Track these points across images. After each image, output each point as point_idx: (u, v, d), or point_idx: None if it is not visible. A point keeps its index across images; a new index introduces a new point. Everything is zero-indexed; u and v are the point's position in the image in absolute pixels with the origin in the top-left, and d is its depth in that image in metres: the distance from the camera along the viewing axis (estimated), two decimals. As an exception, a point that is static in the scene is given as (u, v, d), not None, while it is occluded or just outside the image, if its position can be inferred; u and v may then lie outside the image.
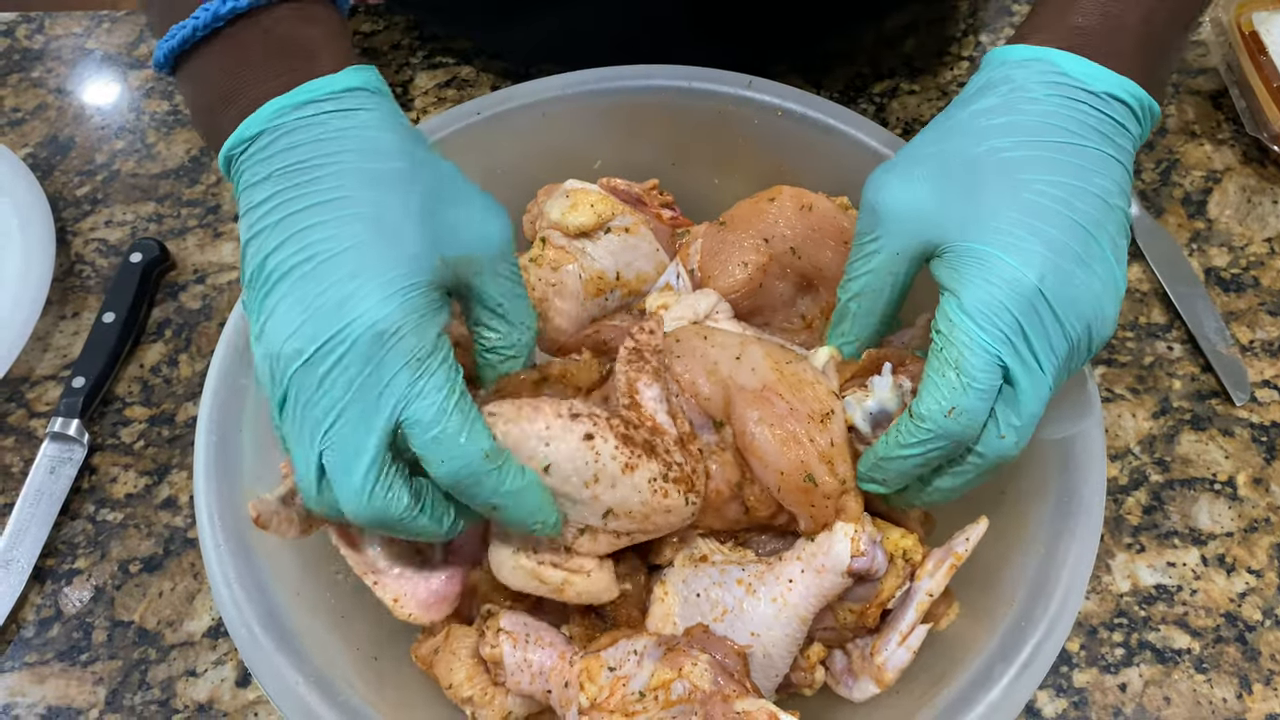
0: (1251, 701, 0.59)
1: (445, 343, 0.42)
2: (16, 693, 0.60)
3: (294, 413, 0.41)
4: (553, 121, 0.63)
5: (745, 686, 0.47)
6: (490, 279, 0.46)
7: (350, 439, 0.40)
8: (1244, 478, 0.66)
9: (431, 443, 0.40)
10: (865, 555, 0.47)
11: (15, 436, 0.69)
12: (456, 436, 0.41)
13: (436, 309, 0.42)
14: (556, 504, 0.45)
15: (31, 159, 0.81)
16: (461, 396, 0.41)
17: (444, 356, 0.42)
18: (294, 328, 0.40)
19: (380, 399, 0.40)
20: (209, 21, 0.44)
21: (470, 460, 0.41)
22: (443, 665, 0.51)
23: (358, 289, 0.40)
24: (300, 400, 0.40)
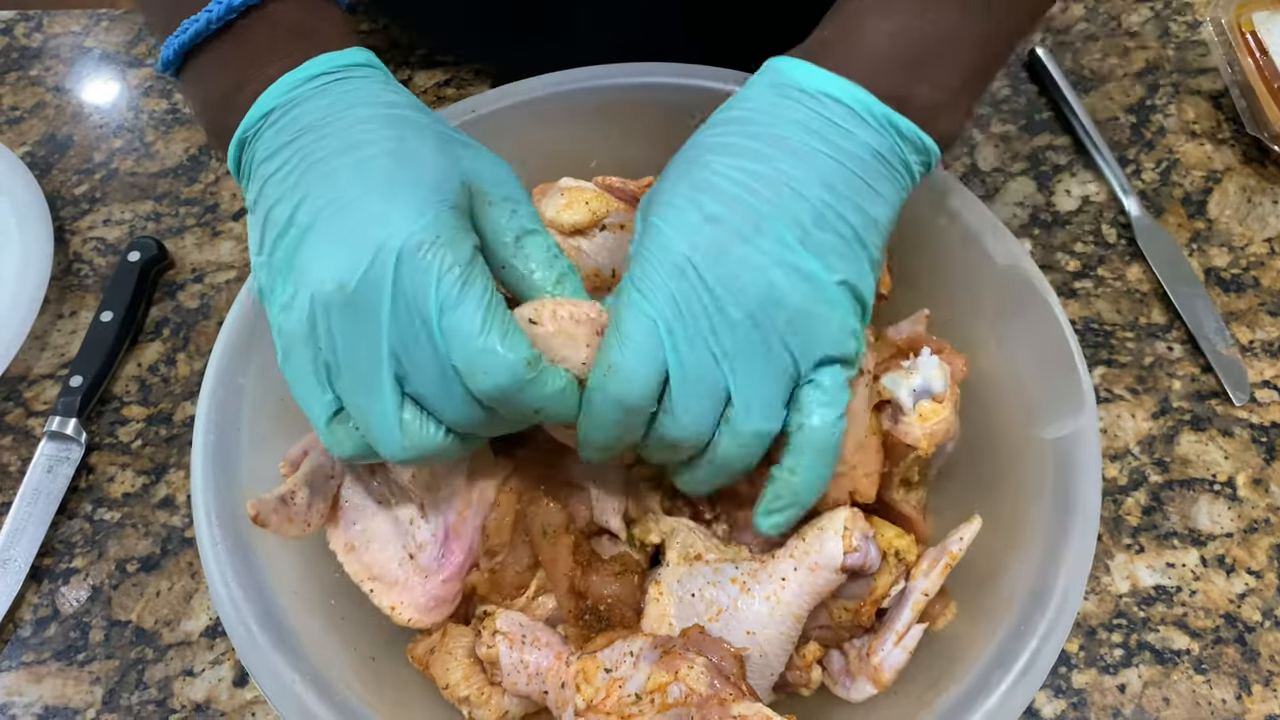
0: (1251, 703, 0.59)
1: (480, 257, 0.42)
2: (13, 692, 0.60)
3: (351, 356, 0.40)
4: (548, 120, 0.63)
5: (741, 690, 0.46)
6: (506, 212, 0.46)
7: (426, 362, 0.40)
8: (1244, 478, 0.66)
9: (475, 354, 0.40)
10: (858, 551, 0.47)
11: (13, 435, 0.69)
12: (497, 347, 0.40)
13: (467, 227, 0.42)
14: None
15: (29, 157, 0.81)
16: (500, 306, 0.41)
17: (481, 268, 0.41)
18: (334, 262, 0.40)
19: (425, 313, 0.40)
20: (223, 14, 0.44)
21: (515, 370, 0.40)
22: (439, 665, 0.51)
23: (391, 211, 0.40)
24: (353, 340, 0.40)
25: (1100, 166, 0.78)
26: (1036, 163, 0.79)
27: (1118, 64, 0.84)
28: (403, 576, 0.51)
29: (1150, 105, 0.82)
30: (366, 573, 0.51)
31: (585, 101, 0.62)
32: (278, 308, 0.42)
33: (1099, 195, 0.77)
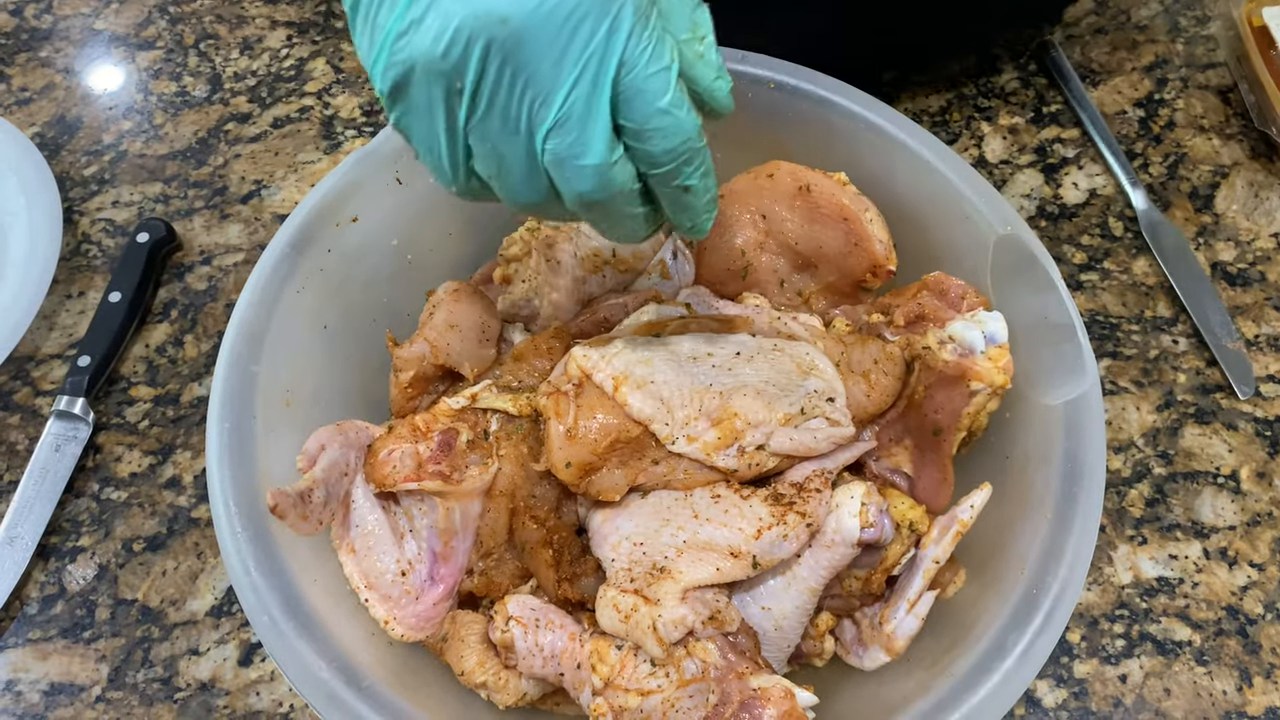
0: (1252, 694, 0.59)
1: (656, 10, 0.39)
2: (20, 669, 0.60)
3: (501, 98, 0.37)
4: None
5: (758, 663, 0.47)
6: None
7: (582, 111, 0.37)
8: (1247, 471, 0.66)
9: (657, 113, 0.38)
10: (874, 526, 0.48)
11: (21, 414, 0.69)
12: (679, 106, 0.38)
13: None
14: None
15: (39, 138, 0.81)
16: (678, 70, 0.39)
17: (665, 27, 0.38)
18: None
19: (604, 63, 0.37)
20: None
21: (690, 134, 0.39)
22: (453, 653, 0.51)
23: None
24: (509, 81, 0.37)
25: (1108, 159, 0.78)
26: (1044, 155, 0.79)
27: (1126, 58, 0.84)
28: (396, 594, 0.51)
29: (1159, 99, 0.82)
30: (364, 580, 0.52)
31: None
32: (391, 29, 0.37)
33: (1106, 188, 0.77)
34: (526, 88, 0.37)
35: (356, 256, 0.58)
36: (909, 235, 0.59)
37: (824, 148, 0.60)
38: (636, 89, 0.37)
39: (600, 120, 0.38)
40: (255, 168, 0.80)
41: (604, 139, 0.38)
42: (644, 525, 0.51)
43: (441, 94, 0.38)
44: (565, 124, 0.38)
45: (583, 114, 0.37)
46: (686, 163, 0.40)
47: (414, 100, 0.38)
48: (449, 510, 0.52)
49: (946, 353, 0.54)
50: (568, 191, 0.40)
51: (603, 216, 0.42)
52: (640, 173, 0.40)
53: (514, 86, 0.37)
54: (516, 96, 0.37)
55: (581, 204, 0.40)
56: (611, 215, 0.42)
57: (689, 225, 0.44)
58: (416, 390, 0.58)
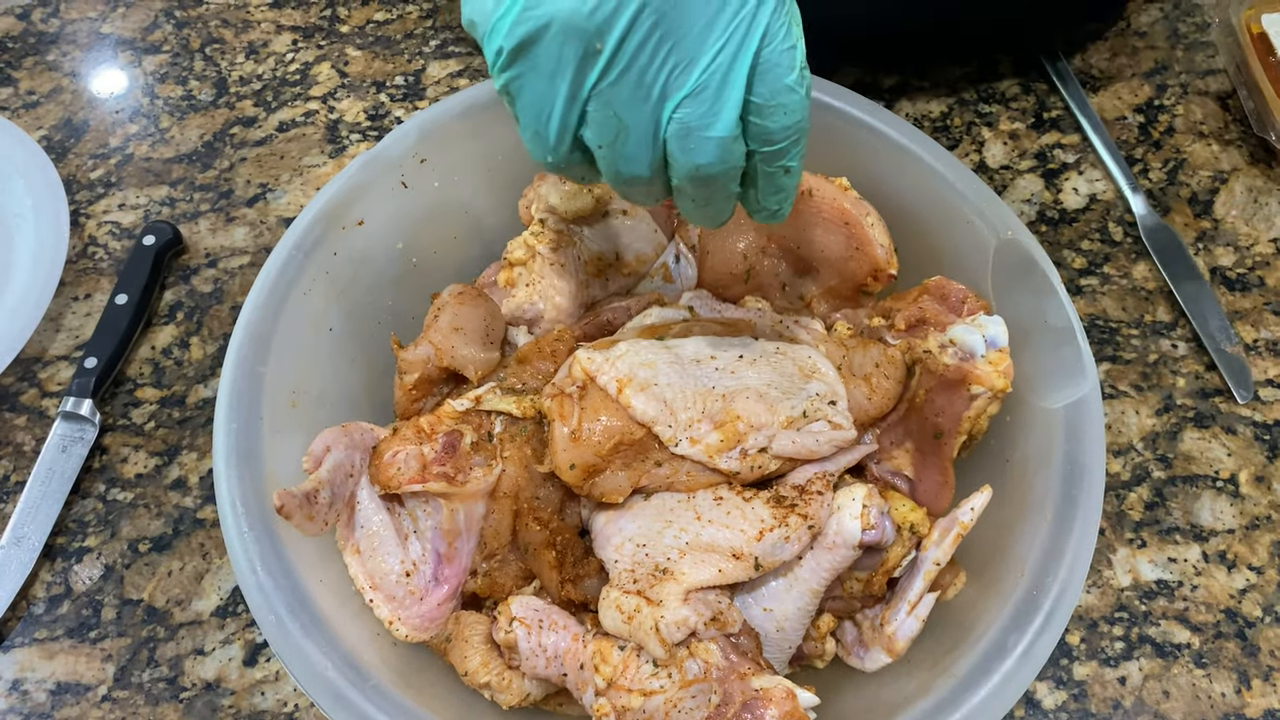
0: (1250, 697, 0.59)
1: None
2: (26, 668, 0.60)
3: (642, 61, 0.36)
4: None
5: (759, 664, 0.47)
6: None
7: (720, 80, 0.37)
8: (1246, 475, 0.66)
9: (784, 89, 0.38)
10: (876, 528, 0.49)
11: (27, 415, 0.69)
12: (802, 84, 0.38)
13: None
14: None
15: (46, 142, 0.81)
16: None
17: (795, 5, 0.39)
18: None
19: (751, 32, 0.36)
20: None
21: (805, 111, 0.39)
22: (456, 654, 0.52)
23: None
24: (654, 44, 0.36)
25: (1108, 165, 0.79)
26: (1045, 160, 0.80)
27: (1126, 64, 0.85)
28: (400, 594, 0.52)
29: (1158, 105, 0.82)
30: (369, 581, 0.52)
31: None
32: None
33: (1106, 193, 0.78)
34: (671, 52, 0.37)
35: (362, 259, 0.59)
36: (910, 239, 0.60)
37: (826, 152, 0.61)
38: (772, 63, 0.37)
39: (736, 91, 0.37)
40: (260, 171, 0.80)
41: (735, 111, 0.38)
42: (647, 527, 0.52)
43: (575, 54, 0.37)
44: (701, 93, 0.37)
45: (720, 84, 0.37)
46: (795, 143, 0.40)
47: (539, 59, 0.37)
48: (453, 511, 0.53)
49: (947, 356, 0.54)
50: (684, 164, 0.39)
51: (705, 194, 0.41)
52: (750, 151, 0.40)
53: (658, 50, 0.36)
54: (659, 61, 0.37)
55: (692, 179, 0.40)
56: (713, 193, 0.41)
57: (776, 209, 0.44)
58: (421, 392, 0.58)
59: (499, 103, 0.62)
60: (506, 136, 0.63)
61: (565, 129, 0.39)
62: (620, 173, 0.41)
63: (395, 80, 0.85)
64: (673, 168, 0.40)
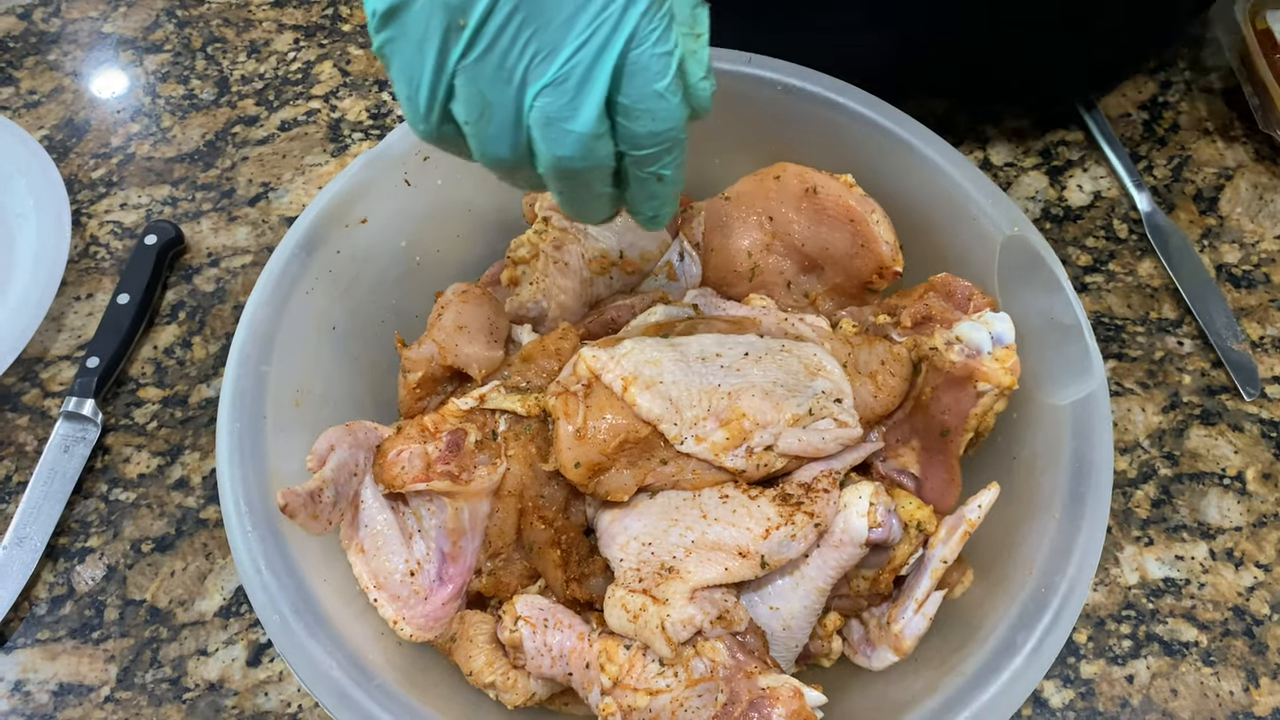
0: (1258, 695, 0.59)
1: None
2: (29, 669, 0.60)
3: (503, 43, 0.37)
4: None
5: (766, 663, 0.47)
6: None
7: (582, 75, 0.37)
8: (1253, 473, 0.66)
9: (653, 95, 0.38)
10: (882, 526, 0.48)
11: (30, 415, 0.69)
12: (675, 93, 0.38)
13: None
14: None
15: (47, 141, 0.81)
16: (679, 56, 0.39)
17: (671, 2, 0.38)
18: None
19: (616, 32, 0.36)
20: None
21: (678, 120, 0.39)
22: (461, 653, 0.51)
23: None
24: (515, 28, 0.37)
25: (1112, 162, 0.78)
26: (1049, 157, 0.79)
27: (1131, 61, 0.84)
28: (404, 593, 0.51)
29: (1163, 102, 0.82)
30: (373, 580, 0.52)
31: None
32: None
33: (1111, 190, 0.78)
34: (532, 39, 0.37)
35: (365, 258, 0.59)
36: (915, 237, 0.60)
37: (831, 150, 0.61)
38: (640, 65, 0.37)
39: (597, 88, 0.37)
40: (263, 170, 0.80)
41: (596, 107, 0.38)
42: (652, 525, 0.51)
43: (440, 26, 0.37)
44: (562, 84, 0.37)
45: (582, 78, 0.37)
46: (667, 151, 0.40)
47: (408, 26, 0.38)
48: (457, 510, 0.53)
49: (953, 354, 0.54)
50: (545, 154, 0.39)
51: (571, 189, 0.41)
52: (618, 152, 0.40)
53: (519, 35, 0.37)
54: (519, 46, 0.37)
55: (555, 170, 0.40)
56: (581, 189, 0.41)
57: (650, 214, 0.44)
58: (425, 391, 0.58)
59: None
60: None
61: (434, 99, 0.39)
62: (486, 153, 0.41)
63: (397, 79, 0.85)
64: (537, 156, 0.40)
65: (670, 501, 0.52)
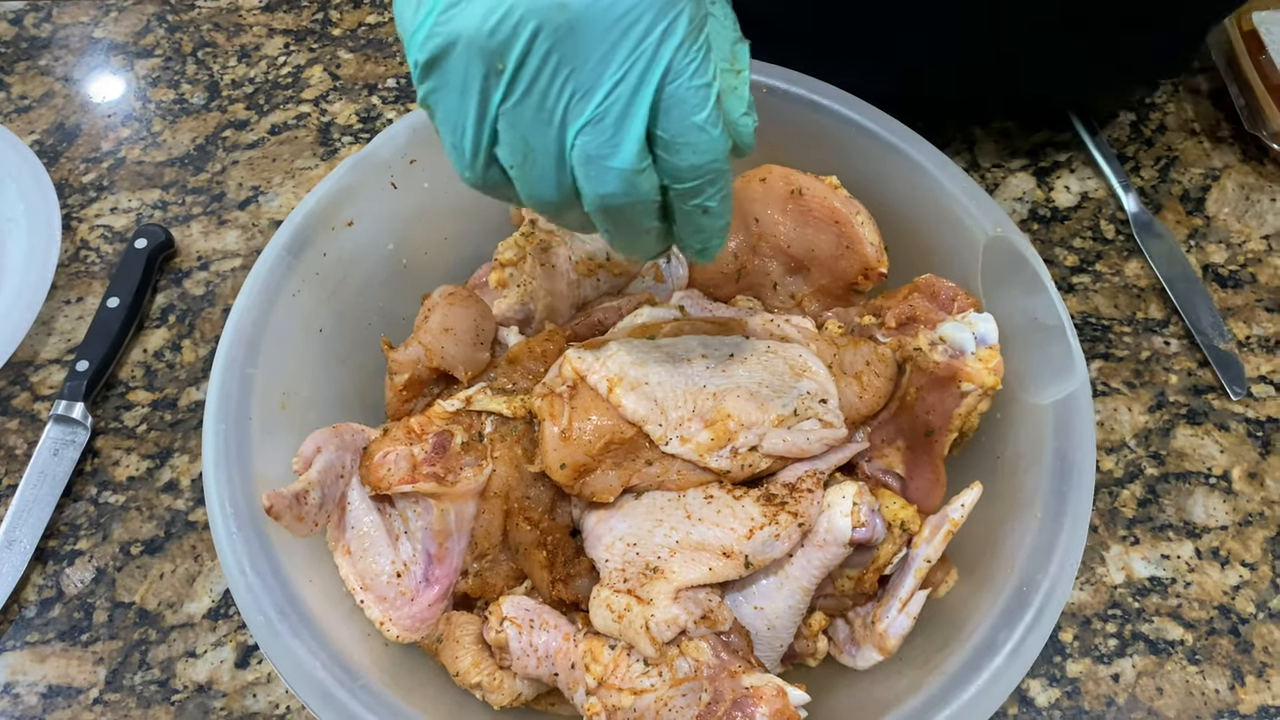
0: (1244, 693, 0.59)
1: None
2: (18, 671, 0.60)
3: (541, 84, 0.37)
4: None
5: (750, 662, 0.47)
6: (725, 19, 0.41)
7: (620, 111, 0.37)
8: (1239, 472, 0.66)
9: (693, 128, 0.38)
10: (866, 526, 0.49)
11: (19, 419, 0.69)
12: (715, 125, 0.38)
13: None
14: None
15: (38, 146, 0.82)
16: (718, 88, 0.39)
17: (710, 41, 0.38)
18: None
19: (652, 66, 0.37)
20: None
21: (720, 153, 0.39)
22: (448, 653, 0.52)
23: None
24: (552, 69, 0.37)
25: (1099, 163, 0.79)
26: (1036, 159, 0.80)
27: (1118, 62, 0.85)
28: (391, 594, 0.52)
29: (1150, 103, 0.82)
30: (359, 582, 0.52)
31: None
32: (431, 5, 0.37)
33: (1098, 191, 0.78)
34: (570, 79, 0.37)
35: (352, 260, 0.59)
36: (900, 238, 0.60)
37: (816, 151, 0.61)
38: (678, 99, 0.37)
39: (636, 123, 0.37)
40: (253, 174, 0.80)
41: (636, 142, 0.38)
42: (637, 526, 0.52)
43: (480, 73, 0.37)
44: (601, 122, 0.37)
45: (620, 114, 0.37)
46: (711, 183, 0.40)
47: (449, 75, 0.38)
48: (444, 512, 0.53)
49: (937, 354, 0.54)
50: (590, 193, 0.39)
51: (619, 226, 0.42)
52: (662, 186, 0.40)
53: (556, 75, 0.37)
54: (557, 86, 0.37)
55: (601, 208, 0.40)
56: (628, 226, 0.41)
57: (699, 248, 0.44)
58: (411, 393, 0.58)
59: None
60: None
61: (479, 146, 0.40)
62: (533, 195, 0.41)
63: (387, 83, 0.85)
64: (582, 195, 0.40)
65: (655, 502, 0.52)
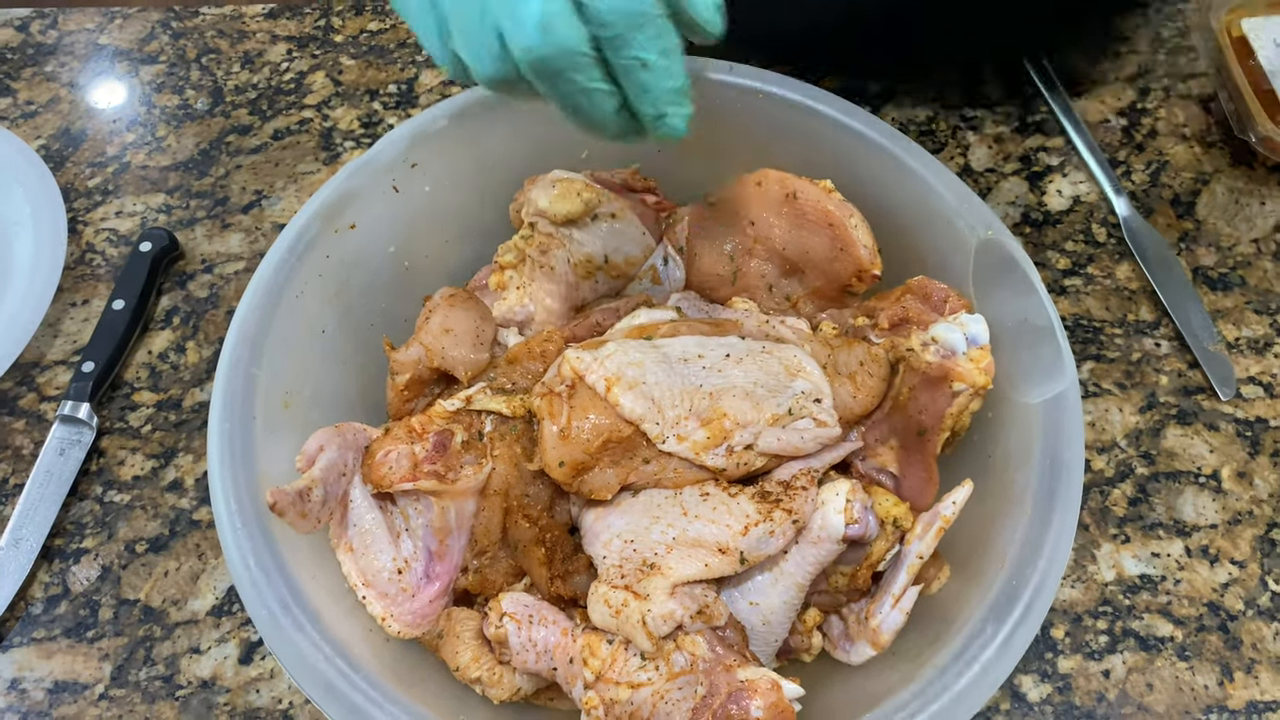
0: (1233, 689, 0.60)
1: None
2: (24, 667, 0.61)
3: None
4: (540, 113, 0.64)
5: (745, 656, 0.48)
6: None
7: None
8: (1228, 471, 0.67)
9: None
10: (859, 522, 0.49)
11: (26, 419, 0.70)
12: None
13: None
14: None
15: (44, 150, 0.83)
16: None
17: None
18: None
19: None
20: None
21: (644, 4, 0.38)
22: (448, 649, 0.53)
23: None
24: None
25: (1091, 167, 0.80)
26: (1029, 163, 0.81)
27: (1110, 68, 0.86)
28: (392, 590, 0.53)
29: (1141, 108, 0.83)
30: (361, 578, 0.53)
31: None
32: None
33: (1090, 195, 0.79)
34: None
35: (354, 263, 0.60)
36: (894, 240, 0.61)
37: (811, 156, 0.62)
38: None
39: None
40: (256, 178, 0.81)
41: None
42: (635, 523, 0.52)
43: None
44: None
45: None
46: (639, 28, 0.38)
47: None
48: (444, 509, 0.54)
49: (930, 354, 0.55)
50: (516, 49, 0.39)
51: (557, 86, 0.40)
52: (597, 41, 0.39)
53: None
54: None
55: (531, 67, 0.39)
56: (567, 84, 0.40)
57: (652, 114, 0.42)
58: (413, 393, 0.59)
59: (489, 109, 0.63)
60: (497, 142, 0.64)
61: (440, 40, 0.41)
62: (481, 74, 0.41)
63: (388, 88, 0.86)
64: (515, 59, 0.40)
65: (652, 500, 0.53)
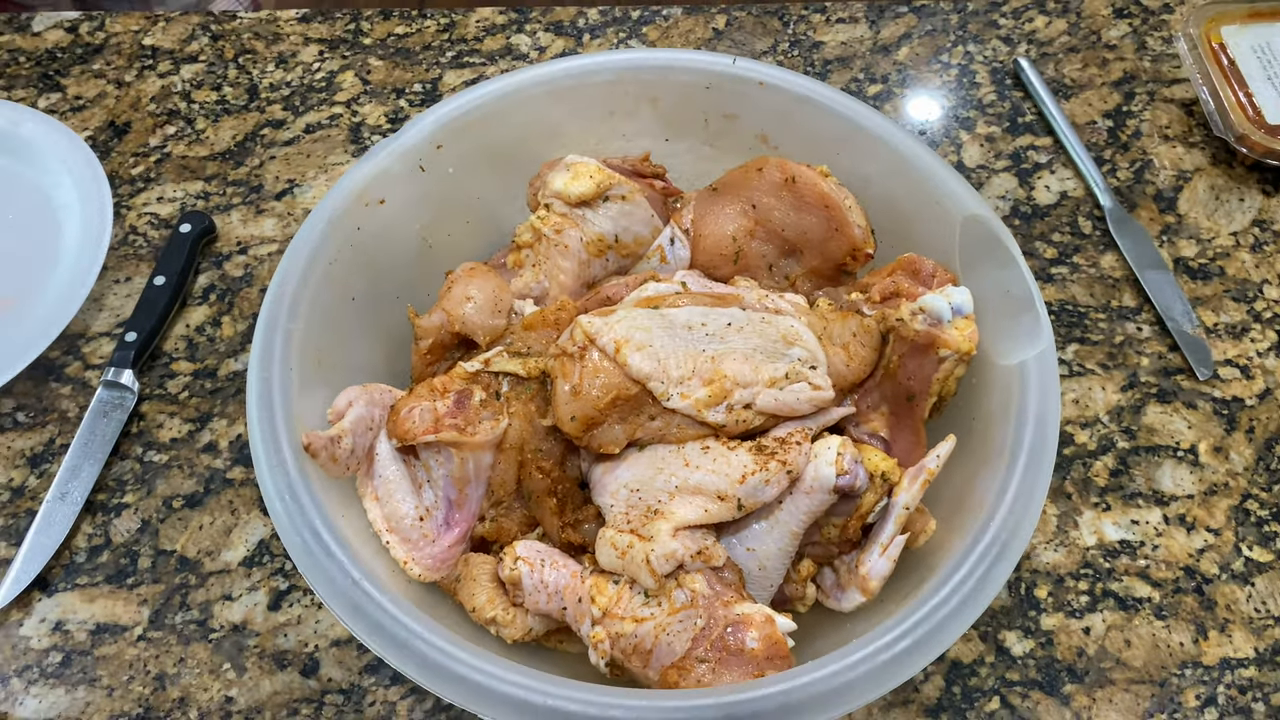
0: (1206, 646, 0.63)
1: None
2: (69, 610, 0.65)
3: None
4: (554, 102, 0.69)
5: (742, 595, 0.52)
6: None
7: None
8: (1205, 446, 0.71)
9: None
10: (849, 473, 0.53)
11: (72, 385, 0.75)
12: None
13: None
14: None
15: (91, 140, 0.88)
16: None
17: None
18: None
19: None
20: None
21: None
22: (465, 591, 0.56)
23: None
24: None
25: (1078, 165, 0.84)
26: (1019, 161, 0.85)
27: (1097, 74, 0.90)
28: (415, 536, 0.56)
29: (1126, 111, 0.88)
30: (386, 524, 0.57)
31: (588, 82, 0.69)
32: None
33: (1076, 190, 0.83)
34: None
35: (383, 236, 0.64)
36: (885, 221, 0.65)
37: (809, 143, 0.66)
38: None
39: None
40: (288, 168, 0.86)
41: None
42: (640, 474, 0.56)
43: None
44: None
45: None
46: None
47: None
48: (463, 460, 0.58)
49: (918, 323, 0.59)
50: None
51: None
52: None
53: None
54: None
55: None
56: None
57: None
58: (435, 357, 0.63)
59: (510, 98, 0.68)
60: (516, 129, 0.69)
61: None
62: None
63: (414, 87, 0.91)
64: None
65: (657, 454, 0.57)
